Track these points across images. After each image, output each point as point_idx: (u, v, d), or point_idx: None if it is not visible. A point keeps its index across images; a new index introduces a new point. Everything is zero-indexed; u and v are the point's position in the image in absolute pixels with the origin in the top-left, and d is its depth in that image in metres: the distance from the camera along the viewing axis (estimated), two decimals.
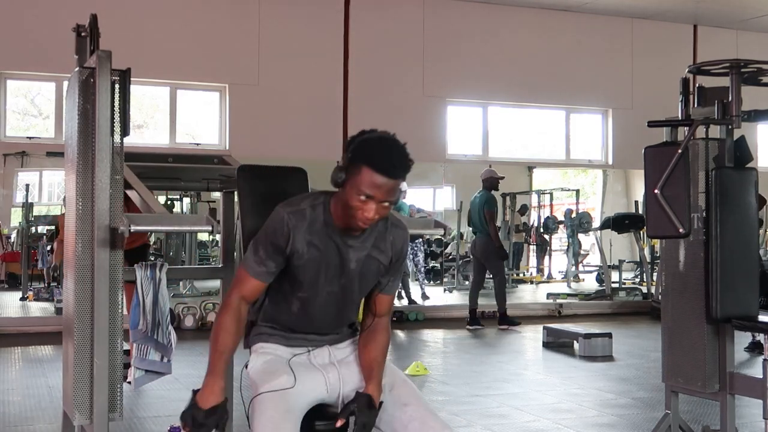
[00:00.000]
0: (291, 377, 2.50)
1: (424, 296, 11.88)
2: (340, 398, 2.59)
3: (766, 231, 12.99)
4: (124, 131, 2.99)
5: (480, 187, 9.72)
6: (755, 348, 7.55)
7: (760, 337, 4.15)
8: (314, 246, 2.49)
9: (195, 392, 2.43)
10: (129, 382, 3.46)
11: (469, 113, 11.75)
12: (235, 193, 3.58)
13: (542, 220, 15.91)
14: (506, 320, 9.56)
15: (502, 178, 9.79)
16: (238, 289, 2.52)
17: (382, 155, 2.36)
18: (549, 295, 12.28)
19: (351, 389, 2.59)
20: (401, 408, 2.58)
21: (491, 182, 9.57)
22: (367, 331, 2.64)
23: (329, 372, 2.60)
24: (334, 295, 2.58)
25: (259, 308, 2.66)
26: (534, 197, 16.37)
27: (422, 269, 12.45)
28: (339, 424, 2.49)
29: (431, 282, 13.78)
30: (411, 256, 12.63)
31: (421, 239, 12.19)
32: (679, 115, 4.06)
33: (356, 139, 2.42)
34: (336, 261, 2.53)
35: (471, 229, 10.09)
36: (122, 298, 3.03)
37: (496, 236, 9.46)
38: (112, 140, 2.94)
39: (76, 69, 3.05)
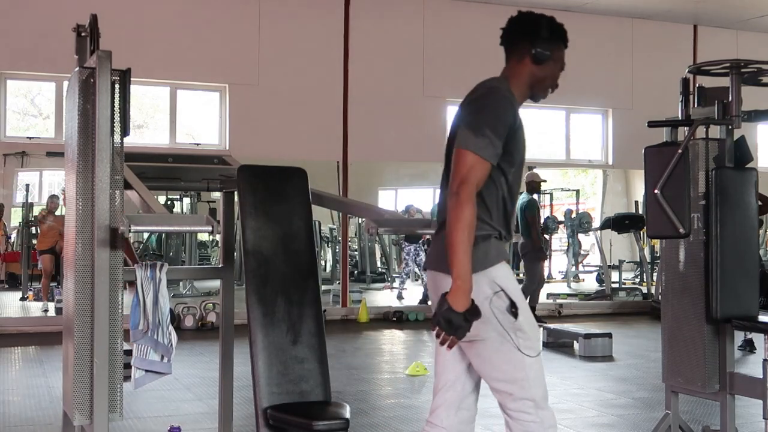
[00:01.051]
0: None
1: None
2: None
3: (766, 231, 13.00)
4: (124, 131, 2.99)
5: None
6: (747, 346, 7.56)
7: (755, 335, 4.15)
8: (521, 121, 2.57)
9: (445, 295, 2.30)
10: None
11: None
12: (235, 193, 3.59)
13: (542, 221, 15.90)
14: None
15: (545, 181, 10.18)
16: (474, 177, 2.37)
17: (567, 35, 2.69)
18: (549, 295, 12.26)
19: None
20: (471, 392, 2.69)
21: (533, 185, 9.75)
22: None
23: None
24: (520, 174, 2.62)
25: (488, 215, 2.51)
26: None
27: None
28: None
29: None
30: (413, 257, 12.64)
31: (422, 240, 12.18)
32: (679, 115, 4.07)
33: (538, 18, 2.61)
34: (522, 137, 2.59)
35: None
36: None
37: (537, 239, 9.64)
38: (112, 140, 2.93)
39: (76, 69, 3.05)
